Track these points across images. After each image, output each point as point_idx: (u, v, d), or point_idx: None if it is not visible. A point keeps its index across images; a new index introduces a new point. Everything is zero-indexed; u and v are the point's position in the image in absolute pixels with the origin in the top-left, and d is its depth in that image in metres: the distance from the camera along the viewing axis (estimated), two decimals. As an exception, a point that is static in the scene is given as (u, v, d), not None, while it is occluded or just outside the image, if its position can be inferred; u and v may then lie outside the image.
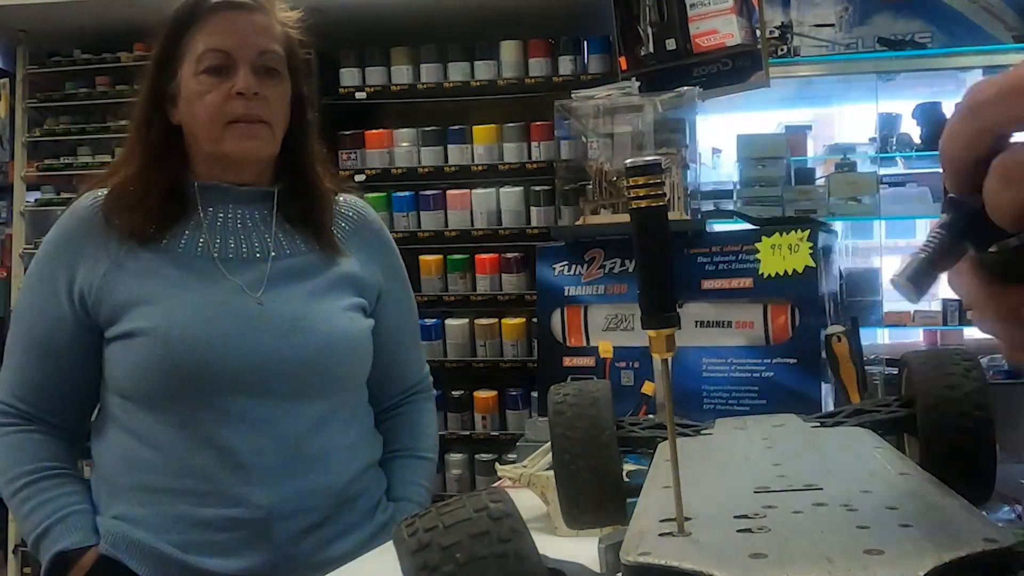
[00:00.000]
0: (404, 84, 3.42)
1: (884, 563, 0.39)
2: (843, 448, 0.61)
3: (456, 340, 3.31)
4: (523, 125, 3.33)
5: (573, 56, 3.33)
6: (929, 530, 0.42)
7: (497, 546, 0.38)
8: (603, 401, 0.67)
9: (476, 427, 3.32)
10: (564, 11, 3.33)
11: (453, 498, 0.42)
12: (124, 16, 3.44)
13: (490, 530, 0.39)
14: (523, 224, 3.29)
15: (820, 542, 0.42)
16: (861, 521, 0.44)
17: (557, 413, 0.67)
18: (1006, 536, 0.40)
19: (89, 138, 3.60)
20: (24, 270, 3.56)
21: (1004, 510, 2.57)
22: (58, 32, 3.57)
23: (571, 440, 0.65)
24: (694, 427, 0.71)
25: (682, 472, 0.48)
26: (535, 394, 2.92)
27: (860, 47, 3.57)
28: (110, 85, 3.61)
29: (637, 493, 0.56)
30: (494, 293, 3.29)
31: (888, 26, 3.55)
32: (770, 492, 0.50)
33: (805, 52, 3.50)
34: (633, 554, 0.43)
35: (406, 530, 0.40)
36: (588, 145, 2.63)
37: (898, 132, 3.73)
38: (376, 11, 3.36)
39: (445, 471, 3.35)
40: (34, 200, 3.63)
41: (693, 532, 0.45)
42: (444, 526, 0.39)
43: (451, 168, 3.38)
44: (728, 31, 2.81)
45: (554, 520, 1.11)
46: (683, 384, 1.52)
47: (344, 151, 3.44)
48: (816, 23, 3.59)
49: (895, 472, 0.54)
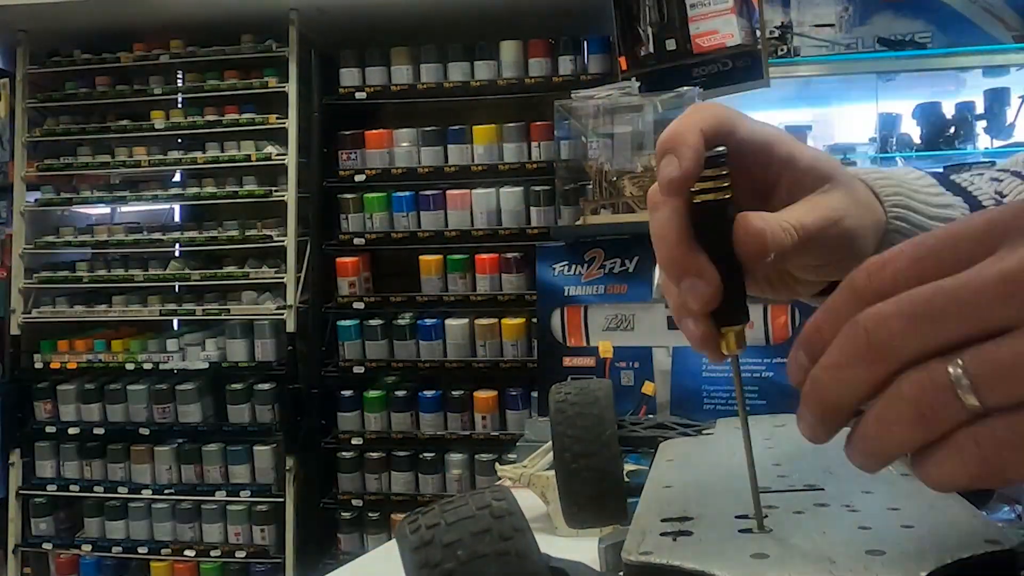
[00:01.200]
0: (404, 84, 3.42)
1: (886, 564, 0.39)
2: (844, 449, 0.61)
3: (456, 340, 3.31)
4: (523, 125, 3.33)
5: (573, 56, 3.33)
6: (931, 531, 0.42)
7: (499, 544, 0.38)
8: (605, 400, 0.67)
9: (476, 427, 3.32)
10: (564, 11, 3.34)
11: (456, 496, 0.42)
12: (124, 16, 3.45)
13: (492, 528, 0.39)
14: (523, 224, 3.29)
15: (822, 542, 0.42)
16: (863, 522, 0.44)
17: (558, 412, 0.67)
18: (1009, 538, 0.40)
19: (89, 138, 3.60)
20: (24, 270, 3.56)
21: (1004, 510, 2.56)
22: (58, 32, 3.57)
23: (572, 439, 0.65)
24: (695, 427, 0.71)
25: (684, 473, 0.48)
26: (535, 394, 2.92)
27: (860, 47, 3.57)
28: (110, 85, 3.61)
29: (637, 493, 0.56)
30: (494, 293, 3.29)
31: (888, 26, 3.55)
32: (771, 492, 0.50)
33: (805, 52, 3.50)
34: (635, 553, 0.43)
35: (408, 527, 0.40)
36: (588, 145, 2.63)
37: (898, 132, 3.73)
38: (376, 11, 3.36)
39: (445, 471, 3.35)
40: (34, 200, 3.63)
41: (695, 532, 0.45)
42: (446, 523, 0.39)
43: (451, 168, 3.38)
44: (728, 31, 2.81)
45: (554, 520, 1.11)
46: (683, 384, 1.51)
47: (344, 151, 3.44)
48: (816, 23, 3.59)
49: (896, 473, 0.53)
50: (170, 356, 3.49)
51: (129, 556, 3.53)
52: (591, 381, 0.70)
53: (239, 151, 3.49)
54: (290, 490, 3.38)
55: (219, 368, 3.49)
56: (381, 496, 3.40)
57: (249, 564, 3.46)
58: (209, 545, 3.47)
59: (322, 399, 3.43)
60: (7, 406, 3.58)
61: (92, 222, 3.76)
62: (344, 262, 3.41)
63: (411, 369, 3.38)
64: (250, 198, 3.49)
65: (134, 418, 3.52)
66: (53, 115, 3.67)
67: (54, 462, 3.59)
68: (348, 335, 3.38)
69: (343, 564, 1.15)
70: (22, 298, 3.57)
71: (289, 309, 3.39)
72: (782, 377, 1.48)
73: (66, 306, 3.60)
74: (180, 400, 3.50)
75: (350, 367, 3.38)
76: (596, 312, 1.59)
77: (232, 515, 3.46)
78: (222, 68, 3.52)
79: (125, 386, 3.53)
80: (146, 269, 3.58)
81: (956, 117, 3.58)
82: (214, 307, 3.49)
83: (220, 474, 3.47)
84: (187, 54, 3.53)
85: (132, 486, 3.51)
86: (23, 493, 3.57)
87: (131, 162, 3.57)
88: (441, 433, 3.34)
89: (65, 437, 3.56)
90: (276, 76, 3.46)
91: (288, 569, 3.38)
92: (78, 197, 3.62)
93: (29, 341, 3.58)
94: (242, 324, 3.47)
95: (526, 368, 3.21)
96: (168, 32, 3.54)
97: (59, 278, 3.59)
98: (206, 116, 3.52)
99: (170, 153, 3.56)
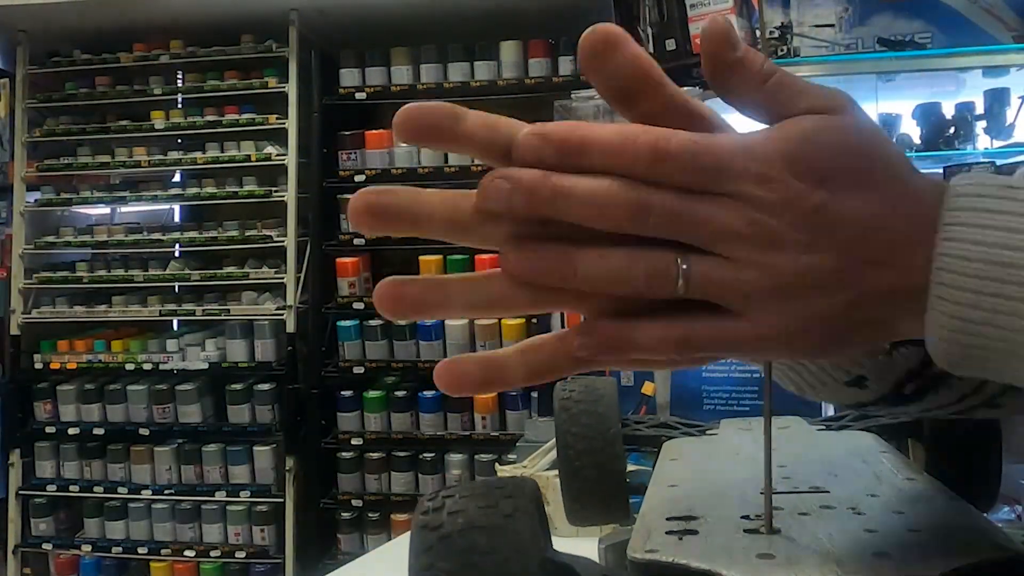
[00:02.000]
0: (404, 84, 3.42)
1: (892, 567, 0.39)
2: (849, 452, 0.61)
3: (456, 340, 3.31)
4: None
5: (573, 56, 3.32)
6: (937, 535, 0.42)
7: (499, 520, 0.40)
8: (609, 398, 0.67)
9: (476, 427, 3.32)
10: (564, 11, 3.33)
11: (489, 478, 0.44)
12: (124, 16, 3.44)
13: (498, 504, 0.40)
14: (523, 224, 3.29)
15: (828, 544, 0.42)
16: (868, 525, 0.44)
17: (563, 409, 0.67)
18: (1015, 543, 0.40)
19: (89, 138, 3.60)
20: (24, 270, 3.56)
21: (1004, 510, 2.56)
22: (58, 32, 3.57)
23: (576, 436, 0.65)
24: (699, 427, 0.71)
25: (688, 471, 0.48)
26: (535, 394, 2.92)
27: (860, 47, 3.56)
28: (110, 85, 3.61)
29: (639, 492, 0.56)
30: (494, 293, 3.28)
31: (888, 26, 3.54)
32: (777, 494, 0.50)
33: (805, 52, 3.50)
34: (640, 551, 0.43)
35: (428, 496, 0.42)
36: (588, 145, 2.63)
37: (898, 132, 3.73)
38: (376, 11, 3.36)
39: (445, 471, 3.35)
40: (34, 200, 3.63)
41: (700, 531, 0.45)
42: (459, 495, 0.41)
43: (451, 168, 3.38)
44: (728, 31, 2.81)
45: (554, 520, 1.11)
46: (683, 384, 1.52)
47: (344, 151, 3.44)
48: (816, 23, 3.59)
49: (901, 477, 0.53)
50: (170, 356, 3.49)
51: (129, 556, 3.53)
52: (596, 379, 0.70)
53: (239, 151, 3.49)
54: (290, 490, 3.38)
55: (219, 368, 3.49)
56: (381, 496, 3.40)
57: (249, 564, 3.46)
58: (209, 545, 3.47)
59: (322, 399, 3.43)
60: (7, 406, 3.58)
61: (92, 222, 3.75)
62: (344, 262, 3.41)
63: (411, 369, 3.38)
64: (250, 198, 3.48)
65: (134, 418, 3.51)
66: (53, 115, 3.67)
67: (54, 462, 3.59)
68: (348, 335, 3.38)
69: (343, 564, 1.15)
70: (22, 298, 3.56)
71: (289, 309, 3.39)
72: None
73: (66, 306, 3.59)
74: (180, 400, 3.49)
75: (350, 367, 3.38)
76: (597, 312, 1.59)
77: (232, 515, 3.46)
78: (222, 68, 3.52)
79: (125, 386, 3.53)
80: (146, 269, 3.58)
81: (956, 117, 3.58)
82: (214, 307, 3.49)
83: (220, 474, 3.47)
84: (187, 54, 3.53)
85: (132, 486, 3.51)
86: (23, 493, 3.57)
87: (131, 162, 3.57)
88: (441, 433, 3.34)
89: (65, 437, 3.55)
90: (276, 76, 3.46)
91: (288, 569, 3.38)
92: (78, 197, 3.62)
93: (29, 341, 3.58)
94: (242, 324, 3.47)
95: (526, 368, 3.20)
96: (168, 32, 3.54)
97: (59, 278, 3.59)
98: (206, 116, 3.52)
99: (170, 153, 3.56)
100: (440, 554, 0.39)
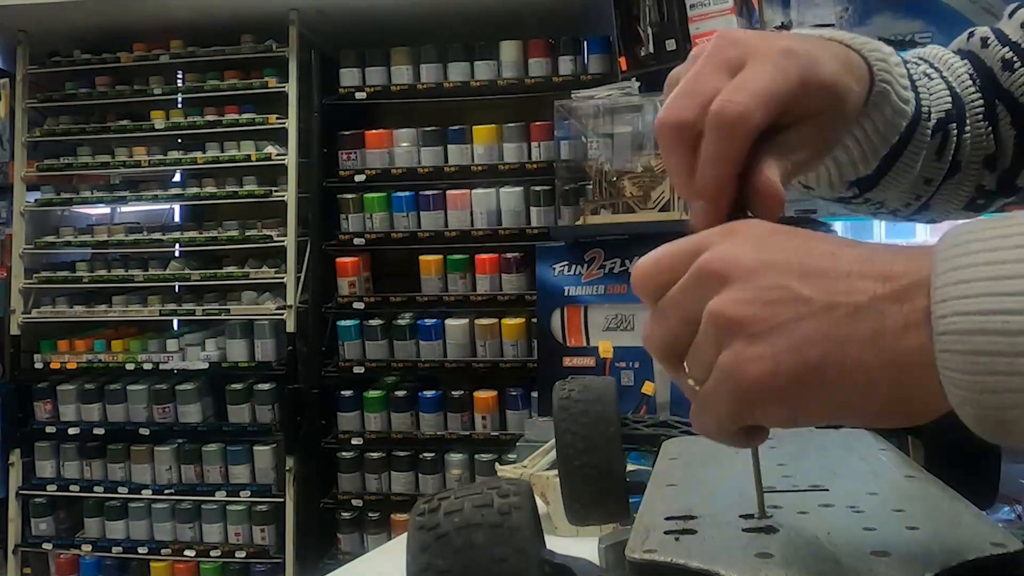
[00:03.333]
0: (404, 84, 3.42)
1: (891, 565, 0.39)
2: (847, 450, 0.61)
3: (456, 340, 3.31)
4: (523, 125, 3.33)
5: (573, 56, 3.32)
6: (936, 533, 0.42)
7: (495, 517, 0.40)
8: (608, 398, 0.67)
9: (476, 427, 3.32)
10: (564, 11, 3.34)
11: (482, 480, 0.45)
12: (124, 16, 3.44)
13: (493, 503, 0.41)
14: (523, 224, 3.29)
15: (827, 543, 0.42)
16: (867, 523, 0.44)
17: (562, 408, 0.67)
18: (1014, 541, 0.40)
19: (89, 138, 3.60)
20: (24, 270, 3.56)
21: (1004, 510, 2.56)
22: (58, 32, 3.57)
23: (576, 436, 0.65)
24: (698, 427, 0.71)
25: (687, 471, 0.48)
26: (535, 394, 2.92)
27: (860, 47, 3.56)
28: (110, 85, 3.61)
29: (639, 491, 0.56)
30: (494, 293, 3.29)
31: (888, 26, 3.54)
32: (775, 492, 0.50)
33: (805, 52, 3.49)
34: (639, 551, 0.43)
35: (424, 499, 0.43)
36: (588, 145, 2.63)
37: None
38: (376, 11, 3.36)
39: (445, 471, 3.35)
40: (34, 200, 3.63)
41: (699, 531, 0.45)
42: (456, 496, 0.42)
43: (451, 168, 3.38)
44: (728, 31, 2.81)
45: (554, 520, 1.11)
46: (684, 384, 1.51)
47: (344, 151, 3.44)
48: (816, 23, 3.59)
49: (900, 474, 0.53)
50: (170, 356, 3.49)
51: (129, 556, 3.53)
52: (595, 378, 0.70)
53: (239, 151, 3.49)
54: (290, 490, 3.38)
55: (219, 368, 3.49)
56: (381, 496, 3.40)
57: (249, 564, 3.46)
58: (209, 545, 3.47)
59: (322, 399, 3.43)
60: (7, 406, 3.58)
61: (92, 222, 3.75)
62: (344, 262, 3.41)
63: (411, 369, 3.38)
64: (250, 198, 3.48)
65: (134, 418, 3.51)
66: (53, 115, 3.67)
67: (54, 462, 3.59)
68: (348, 335, 3.38)
69: (343, 564, 1.15)
70: (22, 298, 3.57)
71: (289, 309, 3.39)
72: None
73: (66, 306, 3.59)
74: (180, 400, 3.49)
75: (350, 367, 3.38)
76: (596, 312, 1.59)
77: (232, 515, 3.46)
78: (222, 68, 3.52)
79: (125, 386, 3.53)
80: (146, 269, 3.58)
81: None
82: (214, 307, 3.49)
83: (220, 474, 3.47)
84: (187, 54, 3.53)
85: (132, 486, 3.51)
86: (23, 493, 3.57)
87: (131, 162, 3.57)
88: (441, 433, 3.34)
89: (65, 437, 3.55)
90: (276, 76, 3.46)
91: (288, 569, 3.38)
92: (78, 197, 3.62)
93: (29, 341, 3.58)
94: (242, 324, 3.47)
95: (526, 368, 3.21)
96: (168, 32, 3.54)
97: (59, 278, 3.59)
98: (206, 116, 3.52)
99: (170, 153, 3.56)
100: (437, 553, 0.39)
